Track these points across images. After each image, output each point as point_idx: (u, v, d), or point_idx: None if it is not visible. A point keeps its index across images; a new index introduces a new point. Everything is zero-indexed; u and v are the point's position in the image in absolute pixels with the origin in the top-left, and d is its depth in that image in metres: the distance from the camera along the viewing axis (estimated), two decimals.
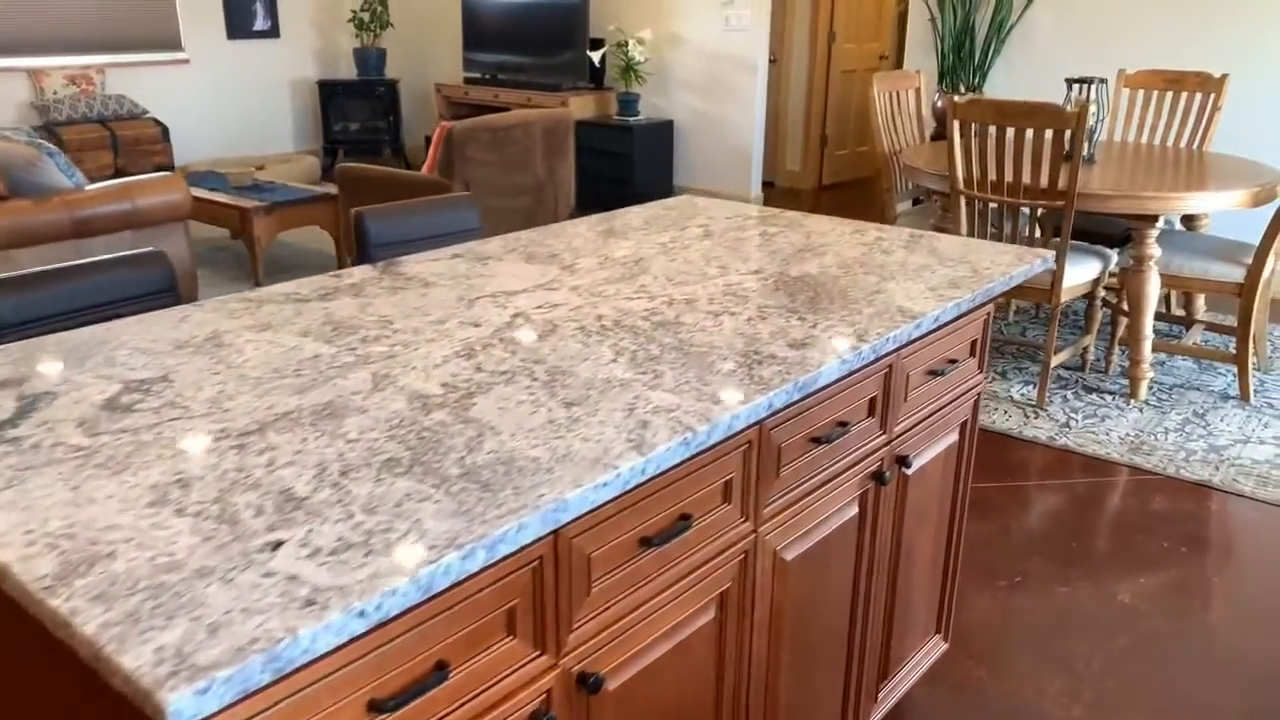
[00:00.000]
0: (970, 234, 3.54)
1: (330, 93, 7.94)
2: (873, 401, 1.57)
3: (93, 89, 6.80)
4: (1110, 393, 3.66)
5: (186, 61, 7.45)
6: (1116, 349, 3.91)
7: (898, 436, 1.66)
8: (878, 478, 1.61)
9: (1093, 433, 3.34)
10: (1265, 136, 4.72)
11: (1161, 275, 3.57)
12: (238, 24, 7.70)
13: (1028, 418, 3.46)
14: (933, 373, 1.72)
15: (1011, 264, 1.87)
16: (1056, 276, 3.39)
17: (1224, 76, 4.19)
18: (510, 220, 4.59)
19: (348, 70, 8.32)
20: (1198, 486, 3.00)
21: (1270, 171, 3.59)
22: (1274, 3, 4.58)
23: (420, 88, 8.38)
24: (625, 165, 6.63)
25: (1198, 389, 3.70)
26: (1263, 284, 3.52)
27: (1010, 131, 3.31)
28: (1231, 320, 4.20)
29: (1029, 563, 2.62)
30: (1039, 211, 3.48)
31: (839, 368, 1.39)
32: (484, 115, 4.43)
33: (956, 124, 3.40)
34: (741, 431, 1.27)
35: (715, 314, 1.56)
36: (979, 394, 1.93)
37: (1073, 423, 3.41)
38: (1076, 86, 3.79)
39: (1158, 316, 4.10)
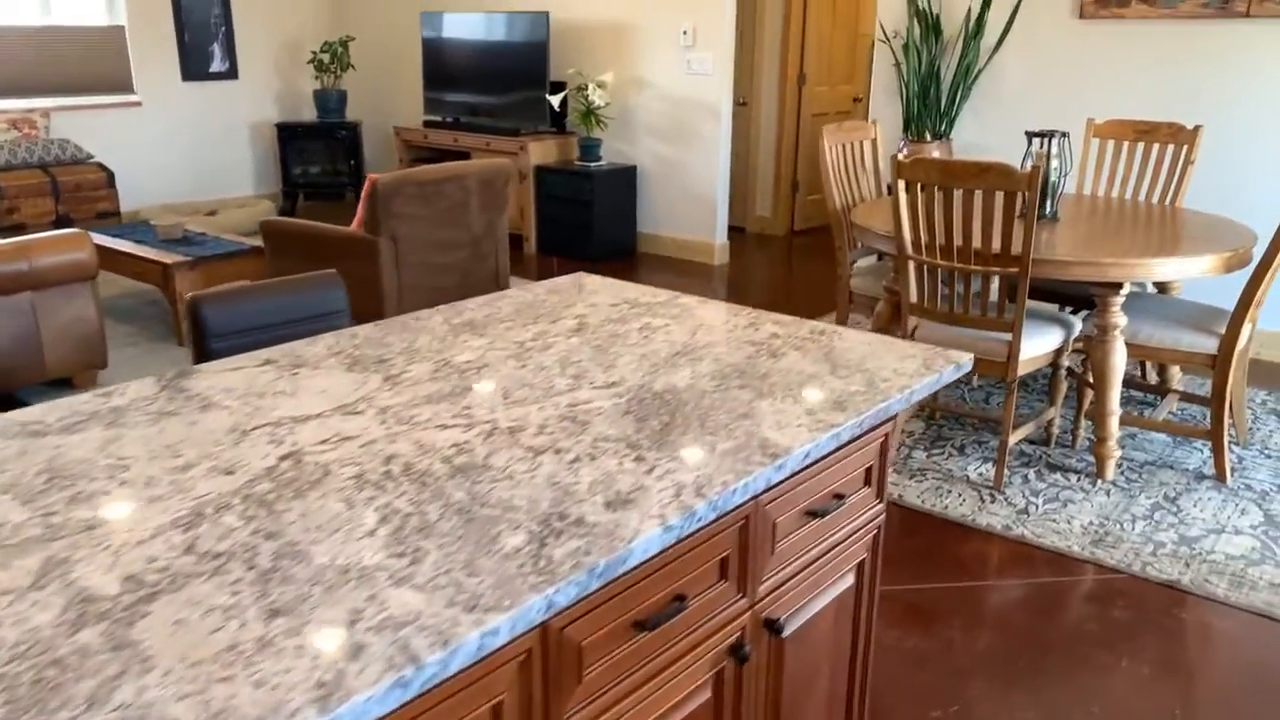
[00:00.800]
0: (919, 300, 3.26)
1: (289, 135, 7.72)
2: (725, 561, 1.28)
3: (35, 133, 6.57)
4: (1076, 471, 3.37)
5: (138, 104, 7.23)
6: (1084, 421, 3.62)
7: (764, 599, 1.38)
8: (736, 653, 1.32)
9: (1053, 520, 3.05)
10: (1242, 192, 4.46)
11: (1129, 345, 3.29)
12: (194, 65, 7.49)
13: (983, 502, 3.17)
14: (812, 513, 1.43)
15: (917, 373, 1.59)
16: (1012, 350, 3.12)
17: (1197, 128, 3.94)
18: (445, 276, 4.33)
19: (310, 112, 8.11)
20: (1165, 588, 2.70)
21: (1244, 233, 3.33)
22: (1248, 52, 4.34)
23: (384, 130, 8.16)
24: (586, 212, 6.38)
25: (1171, 467, 3.41)
26: (1237, 355, 3.25)
27: (961, 191, 3.05)
28: (1210, 388, 3.92)
29: (970, 686, 2.32)
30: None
31: (661, 538, 1.11)
32: (418, 166, 4.18)
33: (901, 184, 3.14)
34: (507, 645, 0.98)
35: (536, 452, 1.28)
36: (879, 526, 1.64)
37: (1031, 508, 3.12)
38: (1037, 140, 3.54)
39: (1130, 384, 3.82)
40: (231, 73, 7.74)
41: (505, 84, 6.74)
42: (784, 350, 1.71)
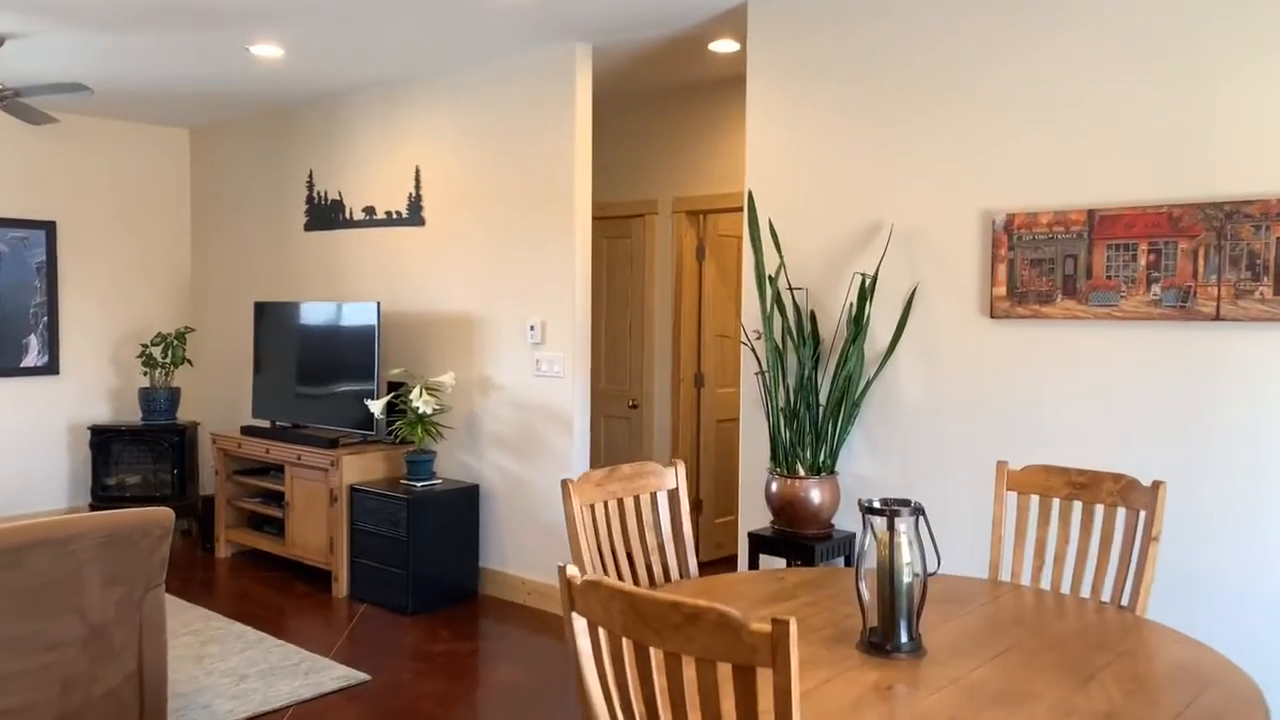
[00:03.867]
0: None
1: (106, 440, 6.52)
2: None
3: None
4: None
5: None
6: None
7: None
8: None
9: None
10: (1230, 588, 2.95)
11: None
12: (1, 360, 6.45)
13: None
14: None
15: None
16: None
17: (1157, 485, 2.51)
18: (26, 691, 2.83)
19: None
20: None
21: (1242, 693, 1.80)
22: (1219, 369, 2.99)
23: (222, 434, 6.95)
24: (404, 547, 4.94)
25: None
26: None
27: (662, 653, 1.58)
28: None
29: None
30: None
31: None
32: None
33: (580, 623, 1.69)
34: None
35: None
36: None
37: None
38: (876, 518, 2.12)
39: None
40: (51, 368, 6.68)
41: (329, 384, 5.56)
42: None
